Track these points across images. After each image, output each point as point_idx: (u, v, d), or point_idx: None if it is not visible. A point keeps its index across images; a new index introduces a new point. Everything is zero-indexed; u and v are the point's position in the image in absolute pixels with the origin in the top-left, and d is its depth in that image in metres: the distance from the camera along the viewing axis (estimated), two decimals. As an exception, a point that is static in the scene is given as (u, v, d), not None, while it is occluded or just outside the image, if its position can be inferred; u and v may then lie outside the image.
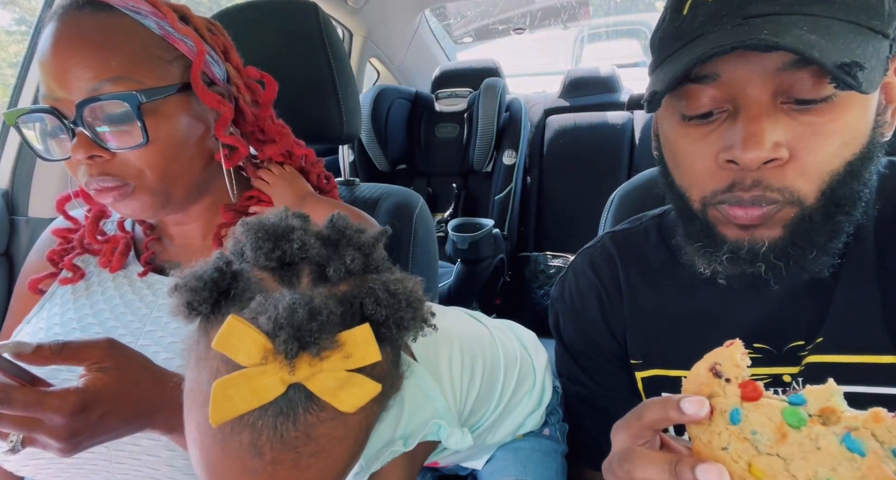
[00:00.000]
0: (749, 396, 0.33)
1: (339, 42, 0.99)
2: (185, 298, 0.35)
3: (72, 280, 0.69)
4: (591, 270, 0.67)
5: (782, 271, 0.49)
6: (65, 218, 0.73)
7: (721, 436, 0.33)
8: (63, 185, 1.11)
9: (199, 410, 0.35)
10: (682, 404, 0.33)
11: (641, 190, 0.87)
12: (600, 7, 4.85)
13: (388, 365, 0.38)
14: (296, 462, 0.34)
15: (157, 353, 0.62)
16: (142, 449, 0.57)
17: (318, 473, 0.35)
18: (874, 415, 0.30)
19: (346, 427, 0.35)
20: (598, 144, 2.20)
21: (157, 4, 0.62)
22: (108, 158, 0.58)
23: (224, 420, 0.32)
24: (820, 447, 0.30)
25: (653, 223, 0.67)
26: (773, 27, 0.43)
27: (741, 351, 0.35)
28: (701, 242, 0.53)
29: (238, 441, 0.33)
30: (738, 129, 0.46)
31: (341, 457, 0.36)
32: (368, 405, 0.35)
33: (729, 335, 0.55)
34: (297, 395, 0.33)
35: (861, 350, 0.49)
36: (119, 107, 0.57)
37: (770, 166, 0.46)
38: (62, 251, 0.71)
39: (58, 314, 0.67)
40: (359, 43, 2.05)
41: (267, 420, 0.33)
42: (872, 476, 0.28)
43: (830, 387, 0.32)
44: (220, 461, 0.34)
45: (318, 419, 0.34)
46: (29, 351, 0.45)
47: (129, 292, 0.68)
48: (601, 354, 0.65)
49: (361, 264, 0.37)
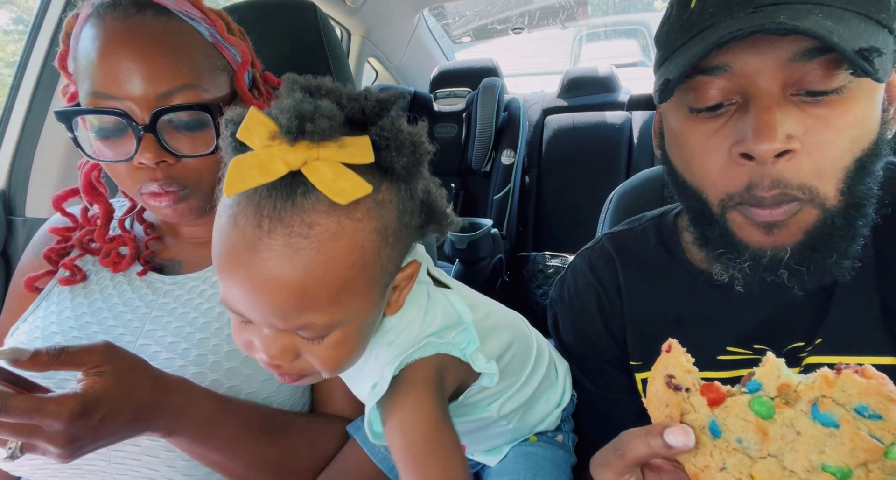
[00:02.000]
0: (715, 400, 0.32)
1: (337, 42, 0.99)
2: (231, 129, 0.40)
3: (73, 281, 0.69)
4: (589, 271, 0.67)
5: (804, 276, 0.48)
6: (63, 215, 0.72)
7: (713, 456, 0.32)
8: (60, 185, 1.10)
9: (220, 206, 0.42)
10: (667, 437, 0.32)
11: (640, 190, 0.87)
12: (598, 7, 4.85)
13: (390, 197, 0.42)
14: (288, 238, 0.38)
15: (157, 353, 0.62)
16: (141, 450, 0.57)
17: (311, 262, 0.39)
18: (824, 379, 0.30)
19: (340, 226, 0.39)
20: (597, 143, 2.20)
21: (206, 11, 0.62)
22: (173, 163, 0.59)
23: (236, 192, 0.38)
24: (799, 431, 0.30)
25: (652, 224, 0.67)
26: (790, 13, 0.43)
27: (682, 351, 0.35)
28: (721, 249, 0.51)
29: (244, 215, 0.39)
30: (749, 120, 0.45)
31: (336, 259, 0.39)
32: (365, 217, 0.40)
33: (729, 336, 0.56)
34: (297, 182, 0.38)
35: (860, 352, 0.49)
36: (194, 115, 0.58)
37: (785, 159, 0.45)
38: (60, 250, 0.71)
39: (54, 313, 0.66)
40: (357, 43, 2.05)
41: (269, 200, 0.38)
42: (858, 447, 0.29)
43: (772, 361, 0.32)
44: (230, 236, 0.39)
45: (313, 207, 0.38)
46: (26, 357, 0.44)
47: (128, 291, 0.68)
48: (600, 355, 0.65)
49: (377, 108, 0.41)
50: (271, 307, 0.40)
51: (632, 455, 0.35)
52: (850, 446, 0.29)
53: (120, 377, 0.48)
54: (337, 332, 0.43)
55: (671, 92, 0.47)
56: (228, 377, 0.61)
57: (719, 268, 0.52)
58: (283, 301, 0.40)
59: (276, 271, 0.39)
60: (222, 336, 0.63)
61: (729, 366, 0.55)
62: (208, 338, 0.63)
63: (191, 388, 0.55)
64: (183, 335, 0.63)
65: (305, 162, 0.37)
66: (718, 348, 0.56)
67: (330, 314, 0.41)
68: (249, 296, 0.40)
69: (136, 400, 0.49)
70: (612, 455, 0.36)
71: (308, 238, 0.38)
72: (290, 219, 0.38)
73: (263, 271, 0.39)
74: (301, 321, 0.41)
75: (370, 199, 0.40)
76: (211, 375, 0.60)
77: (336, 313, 0.42)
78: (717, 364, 0.55)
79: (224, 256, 0.40)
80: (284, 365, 0.44)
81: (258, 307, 0.41)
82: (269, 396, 0.63)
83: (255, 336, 0.44)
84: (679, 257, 0.62)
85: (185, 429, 0.53)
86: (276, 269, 0.38)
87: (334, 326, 0.42)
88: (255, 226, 0.38)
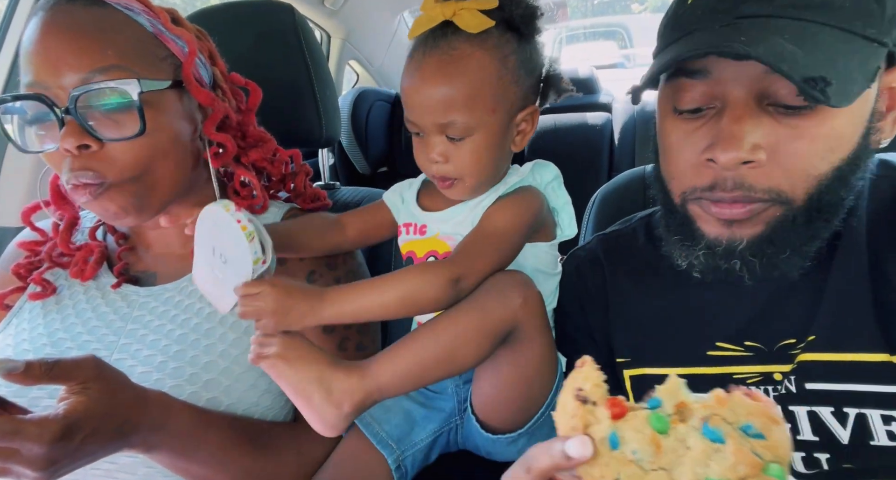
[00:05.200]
0: (617, 413, 0.34)
1: (316, 44, 0.98)
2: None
3: (43, 295, 0.67)
4: (574, 274, 0.68)
5: (756, 267, 0.50)
6: (31, 229, 0.70)
7: (610, 467, 0.33)
8: (30, 192, 1.07)
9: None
10: (567, 449, 0.33)
11: (622, 190, 0.88)
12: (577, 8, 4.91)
13: (511, 41, 0.60)
14: (439, 56, 0.59)
15: (133, 367, 0.60)
16: (118, 467, 0.56)
17: (453, 72, 0.58)
18: (717, 399, 0.33)
19: (472, 49, 0.58)
20: (579, 145, 2.21)
21: (148, 4, 0.61)
22: (97, 149, 0.56)
23: (415, 35, 0.61)
24: (689, 446, 0.32)
25: (641, 223, 0.68)
26: (753, 34, 0.44)
27: (595, 367, 0.36)
28: (679, 235, 0.54)
29: (416, 50, 0.61)
30: (722, 127, 0.47)
31: (469, 72, 0.58)
32: (492, 47, 0.59)
33: (718, 331, 0.56)
34: (447, 26, 0.59)
35: (852, 348, 0.49)
36: (117, 95, 0.55)
37: (748, 167, 0.46)
38: (29, 265, 0.68)
39: (26, 330, 0.64)
40: (337, 45, 2.03)
41: (431, 37, 0.60)
42: (740, 462, 0.31)
43: (674, 381, 0.34)
44: (408, 65, 0.61)
45: (456, 38, 0.59)
46: (19, 370, 0.43)
47: (101, 304, 0.66)
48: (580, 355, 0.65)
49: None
50: (429, 105, 0.59)
51: (537, 467, 0.36)
52: (733, 461, 0.31)
53: (103, 395, 0.47)
54: (473, 138, 0.60)
55: (639, 92, 0.51)
56: (207, 389, 0.59)
57: (679, 255, 0.54)
58: (436, 100, 0.59)
59: (431, 79, 0.59)
60: (200, 347, 0.61)
61: (719, 362, 0.55)
62: (185, 350, 0.61)
63: (169, 402, 0.54)
64: (159, 347, 0.61)
65: (454, 13, 0.58)
66: (708, 343, 0.56)
67: (466, 115, 0.59)
68: (417, 101, 0.60)
69: (116, 419, 0.47)
70: (520, 469, 0.37)
71: (451, 56, 0.58)
72: (442, 45, 0.59)
73: (424, 79, 0.59)
74: (448, 117, 0.59)
75: (495, 37, 0.59)
76: (189, 387, 0.59)
77: (471, 116, 0.59)
78: (706, 360, 0.56)
79: (404, 78, 0.62)
80: (442, 166, 0.61)
81: (422, 108, 0.60)
82: (249, 407, 0.61)
83: (425, 148, 0.62)
84: (667, 254, 0.62)
85: (164, 444, 0.52)
86: (431, 77, 0.59)
87: (470, 129, 0.60)
88: (421, 53, 0.60)
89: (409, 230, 0.70)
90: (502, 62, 0.60)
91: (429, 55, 0.60)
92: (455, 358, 0.55)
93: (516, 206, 0.63)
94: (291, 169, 0.78)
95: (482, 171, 0.63)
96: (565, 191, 0.68)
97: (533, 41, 0.63)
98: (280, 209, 0.74)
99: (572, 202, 0.69)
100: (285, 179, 0.77)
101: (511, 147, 0.65)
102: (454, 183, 0.63)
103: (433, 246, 0.67)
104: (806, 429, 0.50)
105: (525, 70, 0.62)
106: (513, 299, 0.56)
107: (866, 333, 0.49)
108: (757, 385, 0.53)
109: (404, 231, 0.71)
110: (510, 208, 0.63)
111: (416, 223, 0.69)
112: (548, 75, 0.66)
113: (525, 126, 0.65)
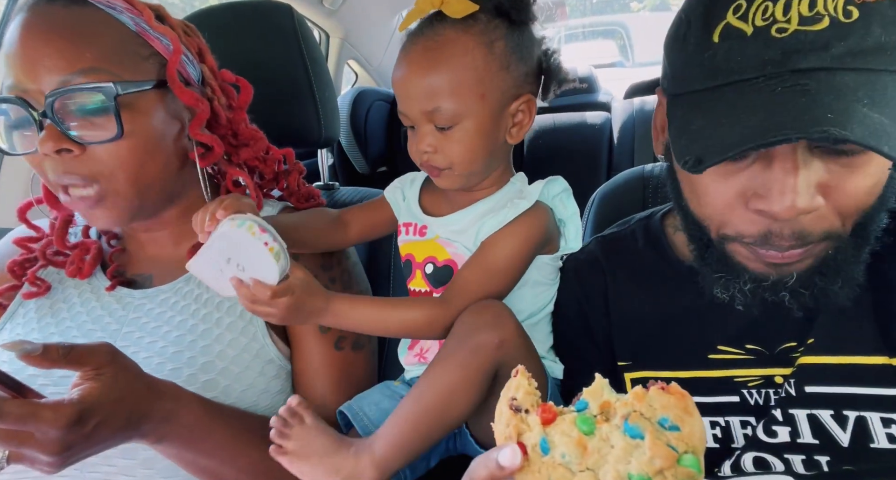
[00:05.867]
0: (547, 419, 0.35)
1: (315, 44, 0.97)
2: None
3: (37, 294, 0.66)
4: (574, 277, 0.68)
5: (805, 298, 0.47)
6: (27, 227, 0.70)
7: (541, 472, 0.34)
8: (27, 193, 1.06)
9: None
10: (499, 459, 0.34)
11: (621, 190, 0.88)
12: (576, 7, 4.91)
13: (500, 27, 0.60)
14: (425, 43, 0.60)
15: (130, 369, 0.59)
16: (118, 470, 0.55)
17: (438, 58, 0.59)
18: (635, 395, 0.34)
19: (457, 35, 0.59)
20: (578, 144, 2.21)
21: (132, 2, 0.61)
22: (78, 153, 0.55)
23: (405, 26, 0.62)
24: (613, 444, 0.33)
25: (640, 226, 0.67)
26: (832, 103, 0.40)
27: (528, 376, 0.37)
28: (721, 273, 0.50)
29: (406, 40, 0.62)
30: (772, 177, 0.43)
31: (454, 57, 0.58)
32: (478, 33, 0.59)
33: (719, 334, 0.56)
34: (436, 15, 0.60)
35: (852, 351, 0.49)
36: (94, 97, 0.54)
37: (809, 214, 0.44)
38: (24, 262, 0.68)
39: (20, 335, 0.64)
40: (336, 45, 2.03)
41: (419, 27, 0.61)
42: (655, 455, 0.32)
43: (599, 382, 0.35)
44: (399, 55, 0.62)
45: (443, 25, 0.59)
46: (37, 352, 0.43)
47: (96, 307, 0.66)
48: (581, 359, 0.65)
49: None
50: (415, 93, 0.59)
51: (477, 479, 0.36)
52: (650, 455, 0.32)
53: (116, 382, 0.47)
54: (461, 126, 0.60)
55: (703, 169, 0.43)
56: (205, 390, 0.59)
57: (718, 289, 0.51)
58: (420, 87, 0.59)
59: (416, 66, 0.60)
60: (197, 349, 0.61)
61: (720, 365, 0.55)
62: (182, 351, 0.61)
63: (179, 393, 0.54)
64: (156, 349, 0.61)
65: (443, 2, 0.58)
66: (709, 346, 0.56)
67: (452, 101, 0.59)
68: (404, 89, 0.61)
69: (129, 406, 0.48)
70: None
71: (435, 43, 0.59)
72: (427, 33, 0.60)
73: (410, 66, 0.60)
74: (433, 103, 0.59)
75: (482, 22, 0.59)
76: (188, 388, 0.58)
77: (457, 103, 0.59)
78: (707, 363, 0.55)
79: (394, 70, 0.62)
80: (431, 155, 0.62)
81: (409, 96, 0.60)
82: (248, 407, 0.61)
83: (415, 139, 0.62)
84: (667, 256, 0.62)
85: (174, 434, 0.52)
86: (415, 64, 0.60)
87: (457, 116, 0.59)
88: (408, 42, 0.61)
89: (409, 230, 0.70)
90: (489, 47, 0.59)
91: (414, 43, 0.60)
92: (450, 413, 0.55)
93: (519, 236, 0.62)
94: (284, 168, 0.77)
95: (473, 160, 0.62)
96: (574, 202, 0.67)
97: (526, 29, 0.62)
98: (274, 208, 0.74)
99: None
100: (278, 177, 0.77)
101: (507, 139, 0.64)
102: (444, 173, 0.63)
103: (432, 251, 0.67)
104: (806, 432, 0.50)
105: (517, 56, 0.61)
106: (488, 344, 0.55)
107: (866, 336, 0.49)
108: (759, 389, 0.53)
109: (404, 231, 0.70)
110: (512, 240, 0.61)
111: (417, 224, 0.69)
112: (548, 65, 0.65)
113: (521, 117, 0.64)
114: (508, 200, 0.64)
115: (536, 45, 0.64)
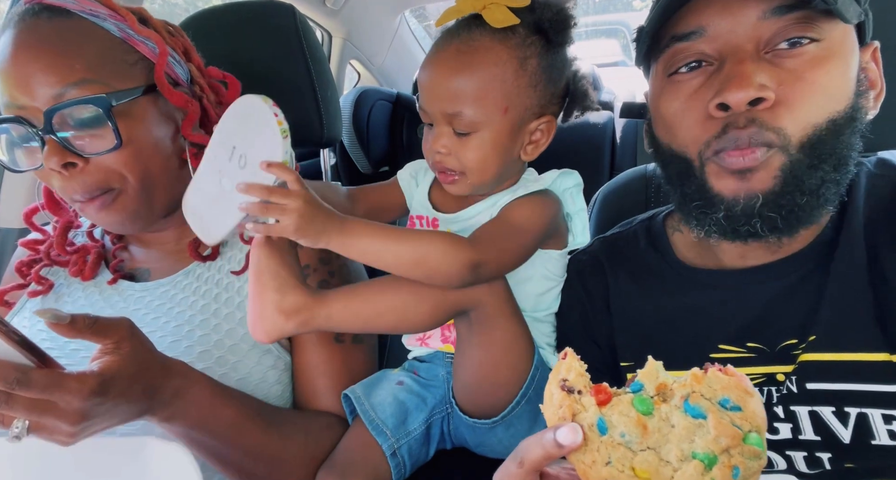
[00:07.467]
0: (603, 400, 0.35)
1: (317, 44, 0.98)
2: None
3: (42, 292, 0.68)
4: (576, 278, 0.68)
5: (778, 222, 0.49)
6: (33, 229, 0.71)
7: (600, 452, 0.34)
8: (32, 195, 1.07)
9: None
10: (558, 437, 0.34)
11: (624, 189, 0.88)
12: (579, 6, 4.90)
13: (536, 44, 0.60)
14: (458, 46, 0.59)
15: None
16: None
17: (468, 63, 0.58)
18: (694, 377, 0.34)
19: (492, 44, 0.59)
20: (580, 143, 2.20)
21: (114, 7, 0.61)
22: (83, 165, 0.57)
23: (442, 23, 0.62)
24: (674, 424, 0.34)
25: (641, 226, 0.67)
26: None
27: (577, 358, 0.38)
28: (698, 201, 0.53)
29: (440, 39, 0.62)
30: (724, 74, 0.49)
31: (483, 66, 0.58)
32: (513, 46, 0.59)
33: (720, 333, 0.56)
34: (474, 19, 0.60)
35: (854, 348, 0.49)
36: (89, 111, 0.55)
37: (760, 108, 0.47)
38: (30, 263, 0.70)
39: (27, 328, 0.65)
40: (338, 45, 2.03)
41: (455, 28, 0.61)
42: (721, 434, 0.32)
43: (653, 364, 0.36)
44: (429, 53, 0.62)
45: (479, 31, 0.59)
46: (66, 321, 0.44)
47: (99, 300, 0.67)
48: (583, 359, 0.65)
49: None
50: (440, 92, 0.59)
51: (529, 459, 0.36)
52: (714, 434, 0.33)
53: (135, 356, 0.48)
54: (479, 134, 0.60)
55: (645, 39, 0.52)
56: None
57: (697, 224, 0.54)
58: (447, 88, 0.59)
59: (446, 66, 0.60)
60: (194, 339, 0.62)
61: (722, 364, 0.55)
62: (180, 340, 0.62)
63: (189, 372, 0.55)
64: (154, 339, 0.62)
65: (484, 6, 0.58)
66: (711, 345, 0.56)
67: (475, 108, 0.59)
68: (429, 86, 0.61)
69: (144, 380, 0.49)
70: (512, 463, 0.37)
71: (469, 47, 0.59)
72: (463, 35, 0.60)
73: (440, 65, 0.60)
74: (456, 107, 0.59)
75: (520, 36, 0.59)
76: None
77: (479, 111, 0.59)
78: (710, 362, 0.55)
79: (422, 64, 0.63)
80: (444, 157, 0.62)
81: (433, 94, 0.60)
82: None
83: (430, 139, 0.62)
84: (669, 256, 0.62)
85: (183, 412, 0.53)
86: (446, 64, 0.60)
87: (477, 124, 0.59)
88: (442, 40, 0.61)
89: (422, 224, 0.70)
90: (522, 62, 0.59)
91: (448, 43, 0.60)
92: (407, 315, 0.56)
93: (535, 205, 0.63)
94: None
95: (485, 170, 0.62)
96: (583, 199, 0.68)
97: (561, 50, 0.62)
98: None
99: None
100: None
101: (521, 155, 0.64)
102: (456, 179, 0.63)
103: None
104: (808, 429, 0.50)
105: (546, 76, 0.61)
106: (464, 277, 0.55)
107: (866, 332, 0.49)
108: (760, 386, 0.53)
109: (417, 223, 0.70)
110: (529, 206, 0.62)
111: (429, 217, 0.69)
112: (574, 89, 0.65)
113: (539, 136, 0.64)
114: (521, 186, 0.66)
115: (567, 68, 0.64)
